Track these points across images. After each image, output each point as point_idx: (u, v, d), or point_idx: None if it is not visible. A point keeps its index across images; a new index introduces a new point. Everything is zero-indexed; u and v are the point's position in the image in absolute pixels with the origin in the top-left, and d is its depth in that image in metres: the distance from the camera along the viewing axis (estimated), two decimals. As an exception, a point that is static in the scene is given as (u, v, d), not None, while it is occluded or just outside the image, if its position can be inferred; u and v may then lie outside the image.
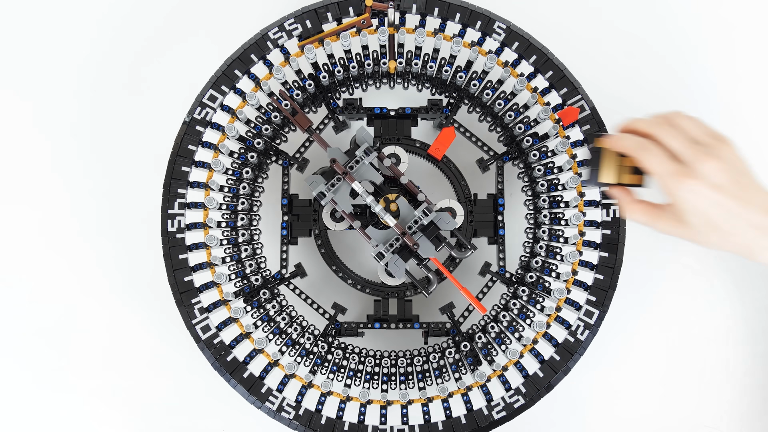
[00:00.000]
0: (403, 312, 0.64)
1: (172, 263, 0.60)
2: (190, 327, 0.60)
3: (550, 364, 0.60)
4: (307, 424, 0.59)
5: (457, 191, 0.65)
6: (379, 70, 0.64)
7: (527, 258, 0.63)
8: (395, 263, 0.58)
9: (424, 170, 0.71)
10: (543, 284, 0.62)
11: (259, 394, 0.59)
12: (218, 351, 0.60)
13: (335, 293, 0.70)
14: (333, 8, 0.63)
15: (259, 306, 0.62)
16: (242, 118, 0.62)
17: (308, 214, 0.64)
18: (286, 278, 0.64)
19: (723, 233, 0.50)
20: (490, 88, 0.64)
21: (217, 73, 0.63)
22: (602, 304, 0.60)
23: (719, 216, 0.49)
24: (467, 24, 0.63)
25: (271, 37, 0.63)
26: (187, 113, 0.62)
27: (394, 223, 0.58)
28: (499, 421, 0.59)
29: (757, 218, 0.49)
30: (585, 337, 0.60)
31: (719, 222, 0.49)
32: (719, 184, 0.49)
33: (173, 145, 0.61)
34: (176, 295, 0.60)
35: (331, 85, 0.65)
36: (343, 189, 0.59)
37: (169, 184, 0.61)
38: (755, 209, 0.49)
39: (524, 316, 0.61)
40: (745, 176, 0.50)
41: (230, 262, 0.62)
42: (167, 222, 0.61)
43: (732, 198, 0.49)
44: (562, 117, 0.62)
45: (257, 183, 0.64)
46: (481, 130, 0.68)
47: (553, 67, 0.63)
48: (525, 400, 0.60)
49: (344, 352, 0.62)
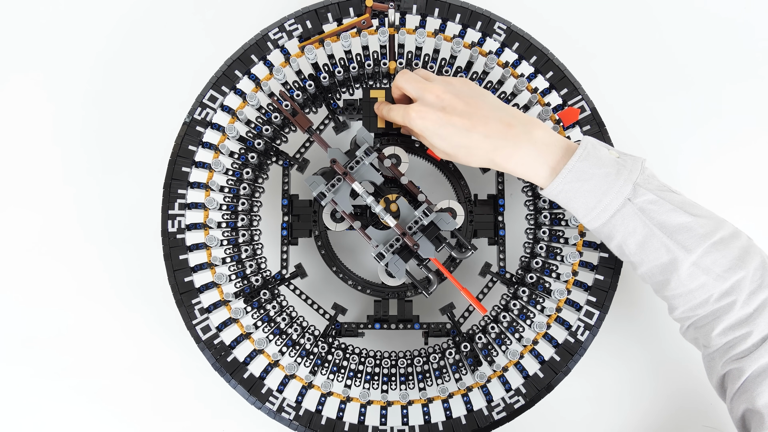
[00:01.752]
0: (404, 312, 0.64)
1: (172, 264, 0.60)
2: (190, 327, 0.60)
3: (551, 364, 0.60)
4: (308, 425, 0.59)
5: (457, 191, 0.65)
6: (380, 70, 0.64)
7: (527, 258, 0.63)
8: (395, 264, 0.58)
9: (425, 170, 0.71)
10: (543, 285, 0.62)
11: (259, 394, 0.59)
12: (218, 351, 0.60)
13: (335, 294, 0.70)
14: (333, 9, 0.63)
15: (259, 306, 0.62)
16: (242, 118, 0.62)
17: (308, 214, 0.64)
18: (286, 279, 0.64)
19: (464, 147, 0.55)
20: (490, 88, 0.64)
21: (218, 74, 0.63)
22: (602, 304, 0.60)
23: (452, 133, 0.55)
24: (467, 24, 0.63)
25: (271, 37, 0.63)
26: (187, 114, 0.62)
27: (394, 224, 0.58)
28: (499, 422, 0.59)
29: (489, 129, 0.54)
30: (585, 337, 0.60)
31: (455, 139, 0.55)
32: (443, 106, 0.55)
33: (173, 145, 0.61)
34: (176, 296, 0.60)
35: (332, 85, 0.65)
36: (344, 189, 0.59)
37: (169, 184, 0.61)
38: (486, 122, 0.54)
39: (524, 316, 0.61)
40: (476, 94, 0.56)
41: (230, 263, 0.62)
42: (167, 222, 0.61)
43: (459, 115, 0.54)
44: (562, 117, 0.62)
45: (257, 183, 0.64)
46: (482, 131, 0.68)
47: (553, 67, 0.63)
48: (525, 400, 0.60)
49: (344, 352, 0.62)
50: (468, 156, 0.55)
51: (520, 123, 0.54)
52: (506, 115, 0.54)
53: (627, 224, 0.52)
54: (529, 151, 0.53)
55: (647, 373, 0.70)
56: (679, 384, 0.70)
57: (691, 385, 0.70)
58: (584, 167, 0.52)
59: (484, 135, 0.54)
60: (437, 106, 0.55)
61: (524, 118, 0.55)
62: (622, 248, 0.54)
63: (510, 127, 0.54)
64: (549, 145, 0.54)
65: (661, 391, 0.70)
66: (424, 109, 0.55)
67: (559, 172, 0.53)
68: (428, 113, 0.55)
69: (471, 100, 0.55)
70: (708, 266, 0.51)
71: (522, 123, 0.54)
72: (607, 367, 0.70)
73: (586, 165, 0.52)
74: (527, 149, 0.53)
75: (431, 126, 0.55)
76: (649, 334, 0.71)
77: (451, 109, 0.54)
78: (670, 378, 0.70)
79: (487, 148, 0.54)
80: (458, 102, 0.54)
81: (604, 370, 0.70)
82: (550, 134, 0.54)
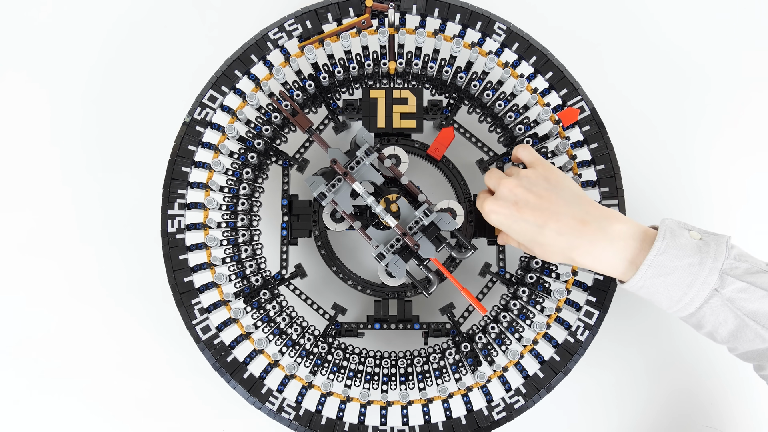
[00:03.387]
0: (404, 312, 0.64)
1: (172, 264, 0.60)
2: (190, 328, 0.59)
3: (551, 364, 0.60)
4: (308, 425, 0.59)
5: (457, 192, 0.65)
6: (379, 70, 0.64)
7: (527, 258, 0.63)
8: (396, 264, 0.58)
9: (425, 171, 0.71)
10: (543, 285, 0.62)
11: (259, 394, 0.59)
12: (218, 351, 0.60)
13: (335, 294, 0.70)
14: (333, 9, 0.63)
15: (259, 306, 0.62)
16: (242, 118, 0.62)
17: (308, 214, 0.64)
18: (286, 279, 0.64)
19: (539, 245, 0.54)
20: (490, 88, 0.64)
21: (217, 74, 0.63)
22: (602, 304, 0.60)
23: (525, 230, 0.53)
24: (467, 25, 0.63)
25: (271, 37, 0.63)
26: (187, 114, 0.62)
27: (394, 224, 0.58)
28: (499, 422, 0.59)
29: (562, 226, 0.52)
30: (585, 337, 0.60)
31: (529, 235, 0.53)
32: (516, 201, 0.53)
33: (173, 145, 0.61)
34: (176, 296, 0.60)
35: (332, 85, 0.65)
36: (344, 189, 0.59)
37: (169, 184, 0.61)
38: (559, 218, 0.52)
39: (524, 316, 0.61)
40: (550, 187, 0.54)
41: (230, 263, 0.61)
42: (167, 222, 0.61)
43: (531, 211, 0.53)
44: (562, 118, 0.62)
45: (257, 183, 0.64)
46: (481, 131, 0.68)
47: (553, 67, 0.63)
48: (525, 400, 0.60)
49: (344, 352, 0.62)
50: (544, 253, 0.54)
51: (594, 219, 0.52)
52: (580, 211, 0.52)
53: (717, 315, 0.50)
54: (605, 247, 0.51)
55: (647, 373, 0.70)
56: (679, 384, 0.70)
57: (691, 385, 0.70)
58: (665, 261, 0.49)
59: (557, 232, 0.52)
60: (510, 200, 0.54)
61: (599, 213, 0.53)
62: (714, 336, 0.52)
63: (584, 224, 0.52)
64: (626, 239, 0.51)
65: (661, 390, 0.70)
66: (497, 204, 0.54)
67: (639, 265, 0.50)
68: (501, 208, 0.54)
69: (544, 193, 0.53)
70: None
71: (596, 218, 0.52)
72: (607, 367, 0.70)
73: (667, 258, 0.49)
74: (603, 245, 0.51)
75: (504, 221, 0.54)
76: (649, 334, 0.71)
77: (524, 204, 0.53)
78: (669, 378, 0.70)
79: (562, 245, 0.52)
80: (530, 196, 0.53)
81: (604, 370, 0.70)
82: (627, 225, 0.52)
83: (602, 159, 0.62)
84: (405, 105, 0.62)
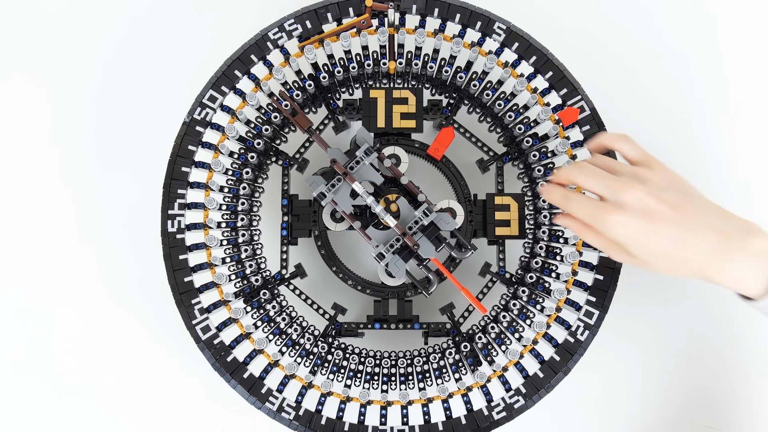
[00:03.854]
0: (403, 312, 0.64)
1: (172, 264, 0.60)
2: (190, 327, 0.59)
3: (550, 364, 0.60)
4: (308, 425, 0.59)
5: (456, 191, 0.65)
6: (379, 70, 0.64)
7: (527, 258, 0.63)
8: (395, 264, 0.58)
9: (424, 171, 0.71)
10: (543, 285, 0.62)
11: (259, 394, 0.59)
12: (218, 351, 0.60)
13: (335, 294, 0.70)
14: (333, 9, 0.63)
15: (259, 306, 0.62)
16: (242, 118, 0.62)
17: (308, 214, 0.64)
18: (286, 279, 0.64)
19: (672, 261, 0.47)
20: (490, 88, 0.64)
21: (217, 74, 0.63)
22: (602, 304, 0.60)
23: (659, 244, 0.46)
24: (467, 24, 0.63)
25: (271, 37, 0.63)
26: (187, 114, 0.62)
27: (394, 224, 0.58)
28: (499, 422, 0.59)
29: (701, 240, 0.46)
30: (585, 337, 0.60)
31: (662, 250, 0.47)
32: (648, 211, 0.46)
33: (173, 145, 0.61)
34: (176, 296, 0.60)
35: (331, 85, 0.65)
36: (344, 189, 0.59)
37: (169, 184, 0.61)
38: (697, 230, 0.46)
39: (524, 316, 0.61)
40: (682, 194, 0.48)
41: (230, 263, 0.61)
42: (167, 222, 0.61)
43: (667, 223, 0.46)
44: (562, 117, 0.62)
45: (257, 183, 0.64)
46: (481, 131, 0.68)
47: (553, 67, 0.63)
48: (525, 400, 0.60)
49: (344, 352, 0.62)
50: (671, 269, 0.48)
51: (735, 231, 0.47)
52: (719, 221, 0.47)
53: None
54: (745, 265, 0.46)
55: (647, 373, 0.70)
56: (678, 383, 0.70)
57: (691, 385, 0.70)
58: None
59: (696, 247, 0.46)
60: (639, 210, 0.46)
61: (739, 224, 0.47)
62: None
63: (726, 238, 0.46)
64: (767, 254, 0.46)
65: (661, 390, 0.70)
66: (627, 215, 0.46)
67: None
68: (631, 220, 0.46)
69: (678, 201, 0.47)
70: None
71: (738, 231, 0.47)
72: (607, 367, 0.70)
73: None
74: (743, 262, 0.46)
75: (634, 234, 0.46)
76: (649, 334, 0.71)
77: (657, 215, 0.46)
78: (669, 377, 0.70)
79: (699, 261, 0.46)
80: (664, 207, 0.46)
81: (604, 370, 0.70)
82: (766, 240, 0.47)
83: (602, 159, 0.62)
84: (405, 105, 0.62)
